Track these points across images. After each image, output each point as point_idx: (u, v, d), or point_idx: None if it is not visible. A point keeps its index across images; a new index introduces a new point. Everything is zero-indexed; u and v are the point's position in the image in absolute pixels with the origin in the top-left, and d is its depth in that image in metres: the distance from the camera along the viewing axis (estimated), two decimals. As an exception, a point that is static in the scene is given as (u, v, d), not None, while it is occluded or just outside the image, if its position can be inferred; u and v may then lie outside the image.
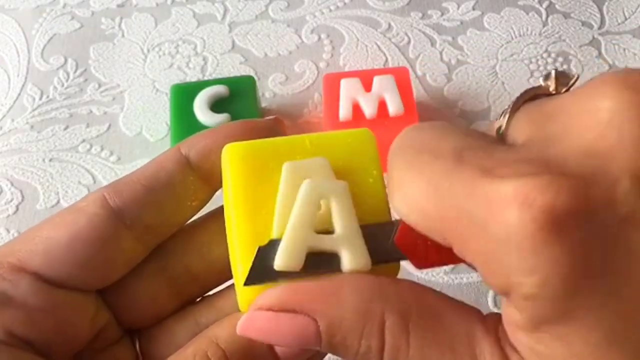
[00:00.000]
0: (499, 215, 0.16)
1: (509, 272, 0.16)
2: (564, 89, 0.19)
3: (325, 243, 0.19)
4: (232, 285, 0.23)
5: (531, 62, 0.48)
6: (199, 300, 0.25)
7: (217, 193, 0.24)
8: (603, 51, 0.48)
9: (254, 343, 0.21)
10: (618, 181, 0.15)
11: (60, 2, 0.53)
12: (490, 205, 0.16)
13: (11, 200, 0.42)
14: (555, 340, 0.16)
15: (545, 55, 0.48)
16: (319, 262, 0.19)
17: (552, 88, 0.19)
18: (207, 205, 0.25)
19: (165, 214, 0.23)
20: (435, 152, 0.18)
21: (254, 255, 0.19)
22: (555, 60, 0.47)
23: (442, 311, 0.18)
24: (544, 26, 0.50)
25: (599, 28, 0.49)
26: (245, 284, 0.19)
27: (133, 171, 0.24)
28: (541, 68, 0.47)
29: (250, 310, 0.19)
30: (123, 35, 0.51)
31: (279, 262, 0.19)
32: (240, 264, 0.20)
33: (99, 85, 0.48)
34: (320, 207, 0.20)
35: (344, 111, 0.40)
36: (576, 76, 0.19)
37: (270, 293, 0.19)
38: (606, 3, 0.51)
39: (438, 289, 0.39)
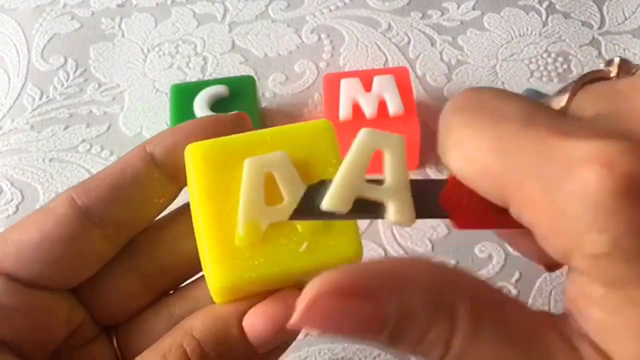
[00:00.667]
0: (577, 173, 0.16)
1: (580, 231, 0.16)
2: (626, 77, 0.20)
3: (373, 191, 0.19)
4: (204, 275, 0.24)
5: (531, 62, 0.48)
6: (173, 293, 0.26)
7: (185, 189, 0.25)
8: (603, 51, 0.48)
9: (227, 330, 0.21)
10: None
11: (60, 2, 0.53)
12: (567, 163, 0.16)
13: (11, 200, 0.42)
14: (630, 306, 0.16)
15: (545, 55, 0.48)
16: (365, 208, 0.19)
17: (613, 74, 0.20)
18: (177, 200, 0.25)
19: (132, 211, 0.24)
20: (501, 113, 0.18)
21: (302, 195, 0.20)
22: (555, 60, 0.47)
23: (510, 306, 0.18)
24: (544, 26, 0.50)
25: (599, 28, 0.49)
26: (291, 218, 0.20)
27: (100, 170, 0.24)
28: (541, 68, 0.47)
29: (309, 294, 0.17)
30: (123, 35, 0.51)
31: (327, 202, 0.19)
32: (209, 261, 0.20)
33: (99, 85, 0.48)
34: (370, 158, 0.20)
35: (344, 111, 0.41)
36: (634, 67, 0.20)
37: (332, 276, 0.17)
38: (606, 3, 0.51)
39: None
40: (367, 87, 0.41)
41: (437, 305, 0.17)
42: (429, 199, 0.20)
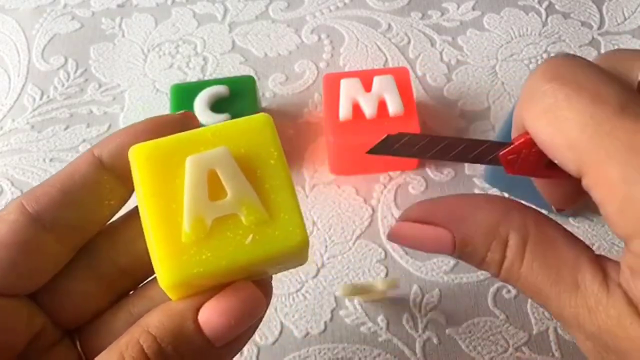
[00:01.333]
0: None
1: None
2: None
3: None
4: None
5: (531, 62, 0.48)
6: (132, 293, 0.26)
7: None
8: (603, 51, 0.48)
9: (182, 325, 0.21)
10: None
11: (61, 2, 0.53)
12: None
13: (11, 200, 0.42)
14: None
15: (545, 55, 0.48)
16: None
17: None
18: (130, 202, 0.26)
19: (83, 215, 0.24)
20: (600, 94, 0.19)
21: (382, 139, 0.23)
22: (554, 61, 0.48)
23: (556, 238, 0.21)
24: (543, 26, 0.50)
25: (599, 28, 0.49)
26: (370, 152, 0.23)
27: (50, 176, 0.25)
28: (541, 68, 0.47)
29: (399, 220, 0.23)
30: (123, 36, 0.51)
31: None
32: (157, 258, 0.21)
33: (99, 85, 0.48)
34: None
35: (344, 111, 0.41)
36: None
37: (416, 207, 0.23)
38: (606, 3, 0.51)
39: (438, 289, 0.40)
40: (367, 87, 0.41)
41: (493, 235, 0.22)
42: (488, 154, 0.23)
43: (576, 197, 0.26)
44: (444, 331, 0.36)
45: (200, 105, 0.41)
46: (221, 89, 0.42)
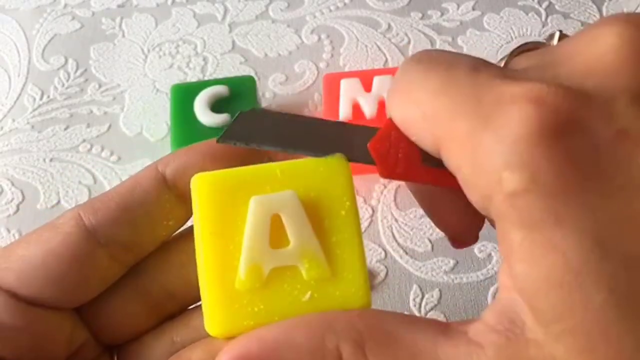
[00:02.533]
0: (506, 109, 0.16)
1: (499, 167, 0.16)
2: None
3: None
4: None
5: (531, 63, 0.48)
6: (176, 318, 0.25)
7: None
8: (602, 51, 0.48)
9: None
10: (615, 98, 0.16)
11: (61, 2, 0.53)
12: (500, 100, 0.16)
13: (12, 200, 0.42)
14: (549, 251, 0.15)
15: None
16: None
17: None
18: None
19: (140, 233, 0.23)
20: (452, 63, 0.18)
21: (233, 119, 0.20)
22: (554, 61, 0.48)
23: (399, 329, 0.18)
24: (543, 26, 0.50)
25: (599, 28, 0.49)
26: (218, 142, 0.21)
27: (110, 189, 0.24)
28: (541, 68, 0.47)
29: None
30: (123, 36, 0.51)
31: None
32: (208, 303, 0.20)
33: (100, 85, 0.48)
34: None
35: (344, 111, 0.41)
36: None
37: (225, 353, 0.18)
38: (605, 3, 0.51)
39: (438, 289, 0.40)
40: (367, 87, 0.41)
41: (320, 355, 0.18)
42: (361, 145, 0.20)
43: (473, 222, 0.23)
44: (444, 331, 0.36)
45: (200, 106, 0.41)
46: (221, 89, 0.42)
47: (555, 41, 0.21)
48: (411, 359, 0.17)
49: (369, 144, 0.20)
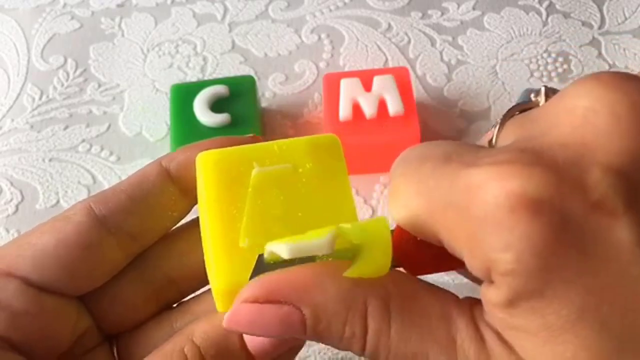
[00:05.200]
0: (477, 197, 0.17)
1: (488, 251, 0.17)
2: None
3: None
4: (208, 291, 0.24)
5: (531, 62, 0.48)
6: (176, 306, 0.26)
7: (195, 206, 0.25)
8: (603, 51, 0.48)
9: (227, 338, 0.21)
10: (589, 170, 0.17)
11: (60, 1, 0.53)
12: (469, 190, 0.17)
13: (11, 200, 0.42)
14: (530, 313, 0.17)
15: (545, 55, 0.48)
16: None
17: (542, 103, 0.21)
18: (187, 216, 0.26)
19: (147, 223, 0.25)
20: (426, 157, 0.19)
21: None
22: (555, 60, 0.47)
23: (419, 294, 0.20)
24: (544, 26, 0.50)
25: (599, 28, 0.49)
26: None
27: (119, 182, 0.25)
28: (541, 68, 0.47)
29: (235, 303, 0.19)
30: (123, 35, 0.51)
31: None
32: (213, 260, 0.21)
33: (99, 85, 0.48)
34: None
35: (344, 111, 0.40)
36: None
37: (253, 285, 0.19)
38: (606, 3, 0.51)
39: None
40: (367, 87, 0.41)
41: (348, 305, 0.19)
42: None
43: None
44: (444, 331, 0.36)
45: (200, 105, 0.41)
46: (221, 89, 0.42)
47: (542, 98, 0.21)
48: (427, 322, 0.19)
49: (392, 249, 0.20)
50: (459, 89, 0.46)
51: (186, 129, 0.41)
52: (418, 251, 0.20)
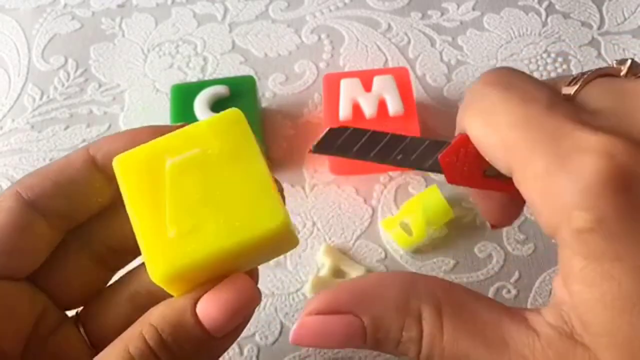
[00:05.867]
0: (579, 158, 0.18)
1: (569, 206, 0.18)
2: (634, 78, 0.22)
3: None
4: None
5: (531, 62, 0.48)
6: (128, 273, 0.27)
7: None
8: (602, 51, 0.48)
9: (182, 315, 0.22)
10: None
11: (61, 2, 0.53)
12: (573, 149, 0.18)
13: (12, 200, 0.42)
14: (606, 279, 0.18)
15: (544, 55, 0.48)
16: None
17: (623, 73, 0.22)
18: None
19: (74, 205, 0.26)
20: (530, 95, 0.20)
21: (322, 138, 0.24)
22: (554, 61, 0.48)
23: (469, 301, 0.21)
24: (543, 26, 0.50)
25: (599, 28, 0.49)
26: (314, 152, 0.24)
27: (45, 165, 0.26)
28: (541, 68, 0.47)
29: (301, 317, 0.21)
30: (123, 35, 0.51)
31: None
32: (145, 256, 0.22)
33: (100, 85, 0.48)
34: None
35: (344, 111, 0.41)
36: None
37: (317, 299, 0.21)
38: (605, 3, 0.51)
39: (438, 289, 0.39)
40: (367, 87, 0.41)
41: (404, 312, 0.20)
42: (430, 156, 0.23)
43: (512, 214, 0.26)
44: (444, 331, 0.36)
45: (200, 106, 0.41)
46: (221, 89, 0.42)
47: (625, 68, 0.22)
48: (478, 328, 0.20)
49: (439, 156, 0.22)
50: (458, 89, 0.46)
51: (186, 129, 0.41)
52: (461, 169, 0.22)
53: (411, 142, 0.23)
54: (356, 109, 0.41)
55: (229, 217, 0.22)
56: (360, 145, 0.23)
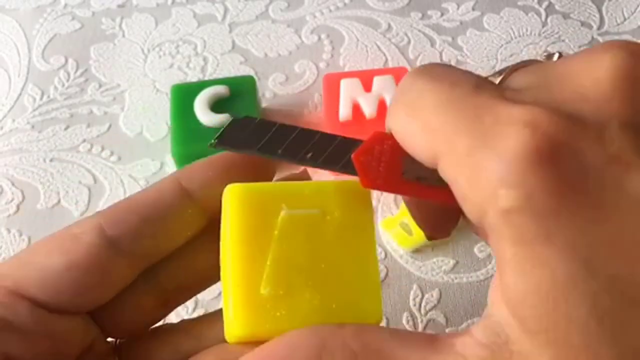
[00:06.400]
0: (504, 130, 0.17)
1: (495, 185, 0.17)
2: None
3: None
4: (215, 314, 0.24)
5: (531, 63, 0.48)
6: (180, 326, 0.26)
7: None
8: (602, 51, 0.48)
9: None
10: (607, 124, 0.17)
11: (61, 2, 0.53)
12: (499, 121, 0.17)
13: (12, 200, 0.42)
14: (539, 265, 0.16)
15: (544, 55, 0.48)
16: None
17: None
18: None
19: (160, 244, 0.24)
20: (457, 79, 0.19)
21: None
22: (554, 61, 0.48)
23: (389, 347, 0.19)
24: (543, 26, 0.50)
25: (598, 28, 0.49)
26: (214, 147, 0.22)
27: (131, 197, 0.24)
28: (541, 68, 0.47)
29: None
30: (123, 36, 0.51)
31: None
32: (232, 305, 0.20)
33: (100, 85, 0.48)
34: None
35: (344, 111, 0.41)
36: None
37: None
38: (605, 3, 0.51)
39: (437, 289, 0.40)
40: (367, 87, 0.41)
41: None
42: (343, 155, 0.21)
43: (449, 224, 0.25)
44: (444, 331, 0.36)
45: (200, 106, 0.41)
46: (221, 89, 0.42)
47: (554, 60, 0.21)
48: None
49: (352, 155, 0.21)
50: (458, 89, 0.46)
51: (187, 129, 0.41)
52: (377, 170, 0.21)
53: (321, 138, 0.22)
54: (356, 109, 0.41)
55: (327, 295, 0.21)
56: (266, 140, 0.21)
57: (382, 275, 0.38)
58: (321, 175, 0.31)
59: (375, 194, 0.42)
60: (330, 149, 0.21)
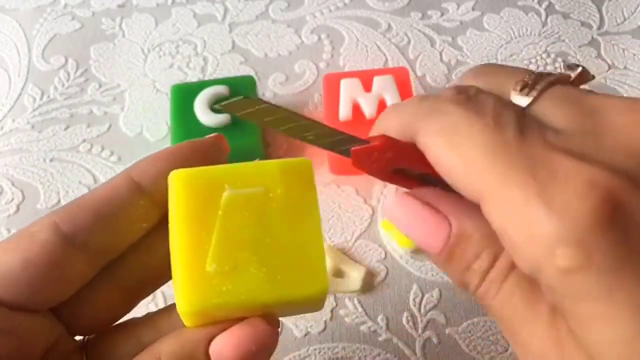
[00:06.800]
0: (561, 189, 0.17)
1: (553, 243, 0.17)
2: (580, 86, 0.21)
3: None
4: (173, 304, 0.24)
5: (530, 63, 0.48)
6: (143, 319, 0.26)
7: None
8: (602, 51, 0.48)
9: (194, 357, 0.21)
10: None
11: (61, 2, 0.53)
12: (554, 178, 0.17)
13: (12, 200, 0.42)
14: (600, 323, 0.17)
15: (544, 55, 0.48)
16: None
17: (572, 79, 0.21)
18: None
19: (116, 238, 0.24)
20: (500, 120, 0.19)
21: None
22: (554, 61, 0.48)
23: None
24: (543, 26, 0.50)
25: (598, 28, 0.49)
26: (224, 109, 0.22)
27: (85, 194, 0.24)
28: (540, 68, 0.47)
29: (402, 194, 0.21)
30: (123, 36, 0.51)
31: None
32: (180, 284, 0.21)
33: (100, 85, 0.48)
34: None
35: (344, 111, 0.41)
36: (591, 78, 0.22)
37: (425, 189, 0.21)
38: (605, 3, 0.51)
39: (438, 289, 0.40)
40: (367, 87, 0.41)
41: (487, 242, 0.20)
42: (346, 146, 0.22)
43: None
44: (444, 331, 0.36)
45: (200, 106, 0.41)
46: (221, 89, 0.42)
47: (574, 75, 0.21)
48: (536, 297, 0.19)
49: (353, 149, 0.22)
50: (458, 89, 0.46)
51: (186, 129, 0.41)
52: (372, 164, 0.22)
53: (328, 131, 0.23)
54: (356, 109, 0.41)
55: (272, 268, 0.21)
56: (274, 117, 0.22)
57: (382, 275, 0.38)
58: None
59: (375, 193, 0.42)
60: (336, 138, 0.23)
